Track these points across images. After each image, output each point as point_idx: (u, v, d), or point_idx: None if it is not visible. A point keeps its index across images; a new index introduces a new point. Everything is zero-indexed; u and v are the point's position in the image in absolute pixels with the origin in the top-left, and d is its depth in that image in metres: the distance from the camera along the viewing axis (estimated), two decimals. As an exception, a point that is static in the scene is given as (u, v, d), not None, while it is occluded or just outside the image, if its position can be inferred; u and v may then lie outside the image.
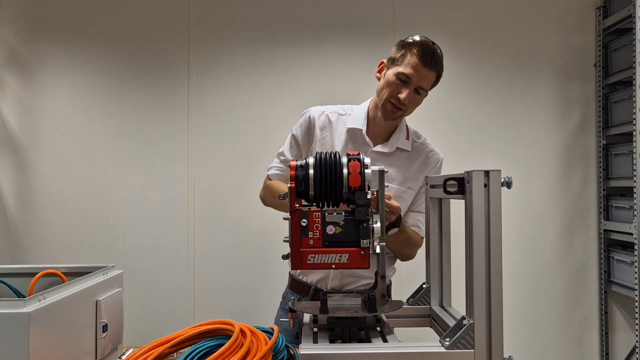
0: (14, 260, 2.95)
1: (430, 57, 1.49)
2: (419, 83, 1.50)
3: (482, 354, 1.02)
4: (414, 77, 1.49)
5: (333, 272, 1.62)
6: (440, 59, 1.52)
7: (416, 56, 1.49)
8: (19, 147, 2.99)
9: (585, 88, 3.00)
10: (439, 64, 1.52)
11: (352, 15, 2.99)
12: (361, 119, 1.62)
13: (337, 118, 1.65)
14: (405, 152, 1.64)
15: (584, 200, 2.99)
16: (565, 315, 2.97)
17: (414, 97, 1.53)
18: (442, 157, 1.70)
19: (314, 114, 1.66)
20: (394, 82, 1.52)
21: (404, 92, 1.50)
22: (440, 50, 1.54)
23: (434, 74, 1.53)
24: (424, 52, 1.48)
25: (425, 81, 1.52)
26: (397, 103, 1.52)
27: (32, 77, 3.00)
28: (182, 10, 3.00)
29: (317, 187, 1.12)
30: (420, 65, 1.49)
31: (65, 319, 1.05)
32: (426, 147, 1.68)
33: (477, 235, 1.03)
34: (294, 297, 1.67)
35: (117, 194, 2.97)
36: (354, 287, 1.64)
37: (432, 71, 1.51)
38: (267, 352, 1.03)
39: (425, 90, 1.54)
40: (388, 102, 1.54)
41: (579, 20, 3.00)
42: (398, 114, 1.55)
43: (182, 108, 2.99)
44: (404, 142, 1.64)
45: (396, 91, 1.51)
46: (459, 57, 2.98)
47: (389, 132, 1.64)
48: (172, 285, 2.95)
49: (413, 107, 1.56)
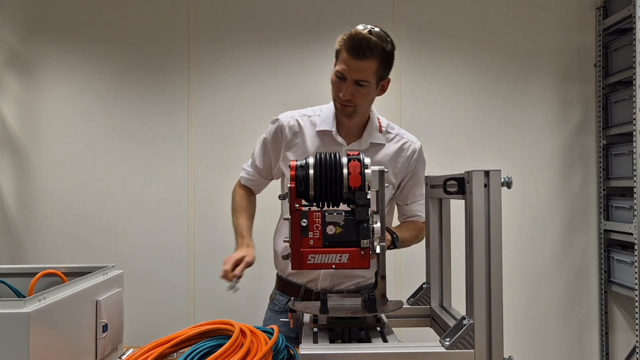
0: (14, 260, 2.95)
1: (358, 48, 1.41)
2: (354, 77, 1.45)
3: (482, 354, 1.02)
4: (347, 72, 1.44)
5: (323, 273, 1.61)
6: (375, 44, 1.42)
7: (346, 51, 1.43)
8: (19, 147, 2.99)
9: (585, 88, 3.00)
10: (374, 51, 1.42)
11: (352, 15, 2.98)
12: (330, 120, 1.60)
13: (307, 121, 1.63)
14: (380, 146, 1.61)
15: (584, 200, 2.99)
16: (565, 315, 2.97)
17: (357, 91, 1.47)
18: (419, 145, 1.65)
19: (282, 121, 1.64)
20: (334, 81, 1.50)
21: (343, 89, 1.47)
22: (379, 34, 1.44)
23: (371, 63, 1.44)
24: (351, 45, 1.41)
25: (362, 73, 1.44)
26: (342, 101, 1.50)
27: (32, 77, 3.00)
28: (182, 10, 3.00)
29: (317, 187, 1.12)
30: (351, 59, 1.43)
31: (65, 319, 1.05)
32: (401, 138, 1.64)
33: (477, 235, 1.03)
34: (284, 298, 1.67)
35: (117, 194, 2.97)
36: (344, 287, 1.63)
37: (365, 61, 1.42)
38: (267, 352, 1.03)
39: (367, 82, 1.46)
40: (336, 102, 1.53)
41: (579, 20, 3.00)
42: (348, 110, 1.51)
43: (182, 108, 2.99)
44: (377, 136, 1.61)
45: (337, 90, 1.49)
46: (459, 57, 2.98)
47: (360, 128, 1.61)
48: (172, 285, 2.95)
49: (362, 100, 1.50)
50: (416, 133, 2.94)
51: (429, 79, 2.98)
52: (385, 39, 1.46)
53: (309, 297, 1.63)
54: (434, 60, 2.99)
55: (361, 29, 1.43)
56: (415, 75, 2.98)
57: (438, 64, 2.99)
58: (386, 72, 1.51)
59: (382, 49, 1.44)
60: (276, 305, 1.70)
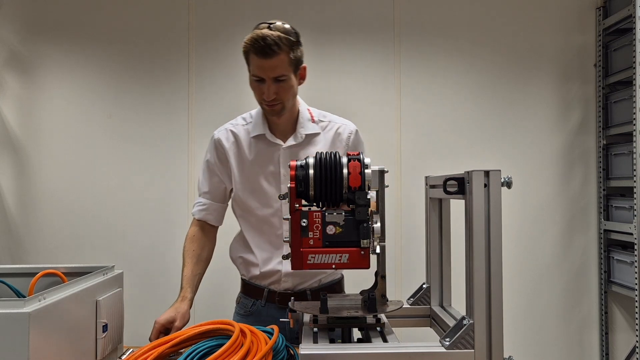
0: (14, 260, 2.95)
1: (264, 47, 1.40)
2: (272, 75, 1.45)
3: (482, 354, 1.01)
4: (263, 73, 1.45)
5: (284, 274, 1.60)
6: (280, 38, 1.41)
7: (254, 54, 1.43)
8: (19, 147, 2.99)
9: (585, 88, 3.00)
10: (281, 45, 1.42)
11: (352, 15, 2.99)
12: (260, 123, 1.60)
13: (241, 130, 1.62)
14: (316, 136, 1.61)
15: (584, 200, 2.99)
16: (565, 315, 2.97)
17: (279, 87, 1.47)
18: (354, 127, 1.65)
19: (217, 136, 1.64)
20: (254, 86, 1.50)
21: (265, 90, 1.47)
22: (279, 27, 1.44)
23: (282, 57, 1.43)
24: (257, 46, 1.41)
25: (276, 70, 1.44)
26: (268, 102, 1.49)
27: (32, 77, 3.00)
28: (182, 10, 3.00)
29: (317, 187, 1.12)
30: (262, 60, 1.43)
31: (65, 319, 1.05)
32: (335, 124, 1.64)
33: (477, 235, 1.03)
34: (249, 301, 1.67)
35: (117, 194, 2.97)
36: (307, 286, 1.62)
37: (275, 57, 1.42)
38: (267, 352, 1.03)
39: (285, 75, 1.46)
40: (262, 104, 1.53)
41: (579, 20, 3.00)
42: (276, 108, 1.51)
43: (182, 108, 2.99)
44: (311, 127, 1.61)
45: (260, 93, 1.49)
46: (459, 57, 2.98)
47: (292, 123, 1.61)
48: (172, 285, 2.93)
49: (287, 94, 1.50)
50: (416, 133, 2.98)
51: (429, 79, 2.99)
52: (287, 30, 1.46)
53: (272, 299, 1.63)
54: (434, 60, 2.99)
55: (262, 28, 1.44)
56: (415, 75, 2.98)
57: (438, 64, 2.99)
58: (299, 61, 1.51)
59: (287, 39, 1.44)
60: (242, 308, 1.69)
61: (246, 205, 1.61)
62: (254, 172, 1.59)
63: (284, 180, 1.56)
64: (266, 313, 1.63)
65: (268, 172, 1.58)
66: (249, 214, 1.62)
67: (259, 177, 1.58)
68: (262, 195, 1.58)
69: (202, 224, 1.69)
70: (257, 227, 1.62)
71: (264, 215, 1.59)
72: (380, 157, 2.89)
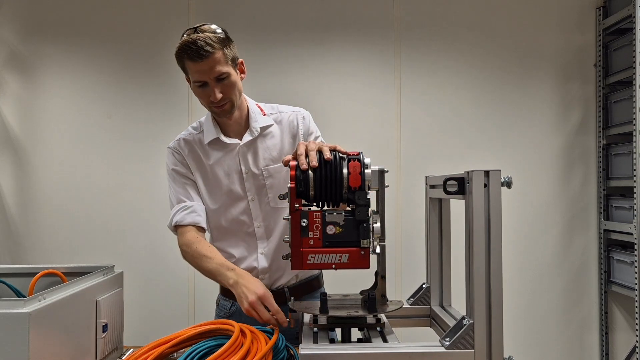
0: (14, 260, 2.95)
1: (197, 50, 1.39)
2: (213, 76, 1.43)
3: (482, 354, 1.02)
4: (204, 76, 1.43)
5: (261, 272, 1.57)
6: (209, 38, 1.40)
7: (189, 60, 1.42)
8: (19, 147, 2.99)
9: (585, 88, 3.00)
10: (213, 43, 1.40)
11: (352, 15, 2.99)
12: (212, 128, 1.58)
13: (194, 137, 1.61)
14: (270, 128, 1.60)
15: (584, 201, 2.99)
16: (565, 315, 2.97)
17: (223, 86, 1.46)
18: (304, 112, 1.64)
19: (173, 145, 1.62)
20: (199, 92, 1.48)
21: (211, 93, 1.45)
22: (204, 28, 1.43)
23: (217, 55, 1.41)
24: (190, 52, 1.40)
25: (215, 70, 1.42)
26: (216, 104, 1.48)
27: (32, 77, 3.00)
28: (182, 10, 3.00)
29: (317, 187, 1.12)
30: (197, 64, 1.41)
31: (65, 319, 1.05)
32: (286, 113, 1.63)
33: (477, 235, 1.03)
34: (228, 302, 1.65)
35: (117, 194, 2.97)
36: (284, 282, 1.59)
37: (210, 58, 1.41)
38: (267, 352, 1.03)
39: (226, 73, 1.44)
40: (212, 108, 1.51)
41: (579, 20, 3.00)
42: (226, 108, 1.50)
43: (182, 108, 2.99)
44: (263, 119, 1.59)
45: (207, 97, 1.47)
46: (459, 57, 2.98)
47: (244, 121, 1.60)
48: (172, 285, 2.95)
49: (233, 91, 1.48)
50: (416, 133, 2.98)
51: (429, 79, 2.98)
52: (213, 29, 1.45)
53: None
54: (434, 61, 2.99)
55: (189, 34, 1.43)
56: (415, 75, 2.98)
57: (438, 64, 2.99)
58: (235, 56, 1.50)
59: (217, 38, 1.43)
60: (222, 310, 1.66)
61: (214, 208, 1.58)
62: (216, 175, 1.57)
63: (247, 178, 1.55)
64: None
65: (230, 172, 1.56)
66: (218, 216, 1.59)
67: (223, 179, 1.56)
68: (229, 195, 1.57)
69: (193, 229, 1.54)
70: (227, 228, 1.59)
71: (233, 215, 1.57)
72: (380, 157, 2.89)
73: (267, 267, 1.57)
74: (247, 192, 1.56)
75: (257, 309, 1.27)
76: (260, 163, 1.56)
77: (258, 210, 1.57)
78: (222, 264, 1.43)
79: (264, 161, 1.56)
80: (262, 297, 1.28)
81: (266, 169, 1.55)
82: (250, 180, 1.56)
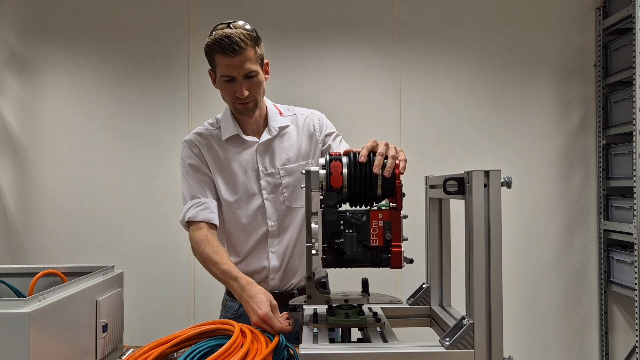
0: (14, 260, 2.95)
1: (230, 45, 1.40)
2: (242, 73, 1.44)
3: (482, 354, 1.01)
4: (233, 72, 1.44)
5: (272, 272, 1.58)
6: (242, 34, 1.42)
7: (220, 54, 1.42)
8: (19, 147, 2.99)
9: (585, 88, 3.00)
10: (245, 41, 1.42)
11: (352, 15, 2.99)
12: (231, 124, 1.59)
13: (211, 132, 1.61)
14: (287, 128, 1.62)
15: (584, 201, 2.99)
16: (565, 315, 2.97)
17: (250, 84, 1.47)
18: (320, 114, 1.67)
19: (188, 139, 1.61)
20: (225, 87, 1.49)
21: (238, 89, 1.46)
22: (237, 25, 1.45)
23: (248, 52, 1.43)
24: (223, 46, 1.40)
25: (245, 67, 1.44)
26: (242, 100, 1.49)
27: (32, 77, 3.00)
28: (182, 10, 3.00)
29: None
30: (230, 59, 1.42)
31: (65, 319, 1.05)
32: (301, 114, 1.66)
33: (477, 235, 1.03)
34: (235, 303, 1.62)
35: (117, 194, 2.97)
36: (294, 284, 1.60)
37: (243, 54, 1.42)
38: (267, 354, 1.03)
39: (254, 71, 1.46)
40: (235, 104, 1.52)
41: (579, 20, 3.00)
42: (250, 106, 1.51)
43: (182, 108, 2.99)
44: (281, 120, 1.61)
45: (232, 92, 1.48)
46: (459, 57, 2.98)
47: (263, 120, 1.61)
48: (172, 285, 2.95)
49: (258, 90, 1.50)
50: (416, 133, 2.98)
51: (429, 79, 2.99)
52: (243, 26, 1.46)
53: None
54: (434, 61, 2.99)
55: (222, 28, 1.44)
56: (415, 75, 2.98)
57: (438, 64, 2.99)
58: (262, 54, 1.52)
59: (250, 36, 1.44)
60: (228, 311, 1.65)
61: (231, 201, 1.58)
62: (233, 169, 1.57)
63: (263, 176, 1.56)
64: None
65: (247, 169, 1.57)
66: (233, 210, 1.58)
67: (239, 174, 1.57)
68: (245, 191, 1.57)
69: (205, 227, 1.51)
70: (240, 224, 1.59)
71: (247, 212, 1.57)
72: (380, 157, 2.89)
73: (278, 266, 1.58)
74: (263, 191, 1.57)
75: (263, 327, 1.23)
76: (277, 162, 1.57)
77: (272, 209, 1.57)
78: (225, 271, 1.39)
79: (280, 160, 1.58)
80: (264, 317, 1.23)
81: (283, 168, 1.57)
82: (266, 178, 1.57)
